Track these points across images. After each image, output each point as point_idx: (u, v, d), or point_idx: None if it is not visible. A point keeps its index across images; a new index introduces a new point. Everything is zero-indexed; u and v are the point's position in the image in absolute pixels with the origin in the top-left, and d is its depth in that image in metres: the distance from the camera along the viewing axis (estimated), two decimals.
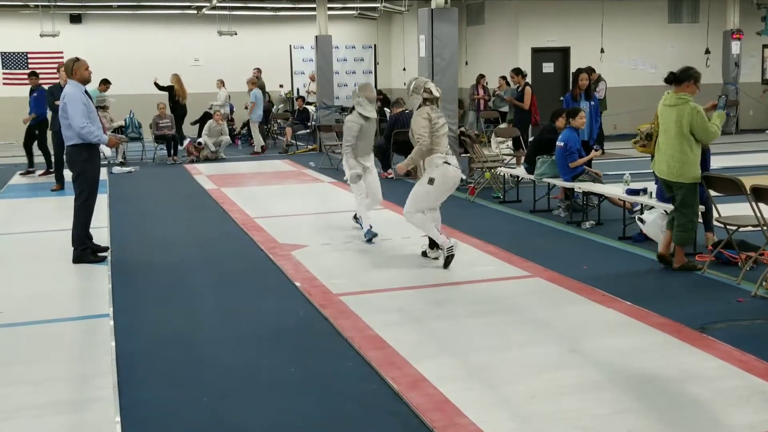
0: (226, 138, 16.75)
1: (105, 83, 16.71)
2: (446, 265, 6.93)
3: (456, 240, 7.11)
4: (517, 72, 13.93)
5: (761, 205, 6.38)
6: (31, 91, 13.37)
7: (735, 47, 18.91)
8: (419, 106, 6.96)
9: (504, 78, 18.68)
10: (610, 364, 4.73)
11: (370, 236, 8.21)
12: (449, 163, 6.96)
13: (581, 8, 18.73)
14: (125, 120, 16.63)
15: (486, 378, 4.57)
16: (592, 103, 10.15)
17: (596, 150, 9.43)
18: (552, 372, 4.62)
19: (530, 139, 12.43)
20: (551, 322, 5.56)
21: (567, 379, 4.50)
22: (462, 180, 7.20)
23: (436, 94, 6.96)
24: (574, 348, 5.01)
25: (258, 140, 17.53)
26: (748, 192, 6.38)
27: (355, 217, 8.83)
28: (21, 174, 14.02)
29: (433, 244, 7.30)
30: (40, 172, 13.81)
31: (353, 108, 8.37)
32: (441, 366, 4.73)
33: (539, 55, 19.00)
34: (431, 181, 6.95)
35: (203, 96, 20.09)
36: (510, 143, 13.37)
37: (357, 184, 8.28)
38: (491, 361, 4.83)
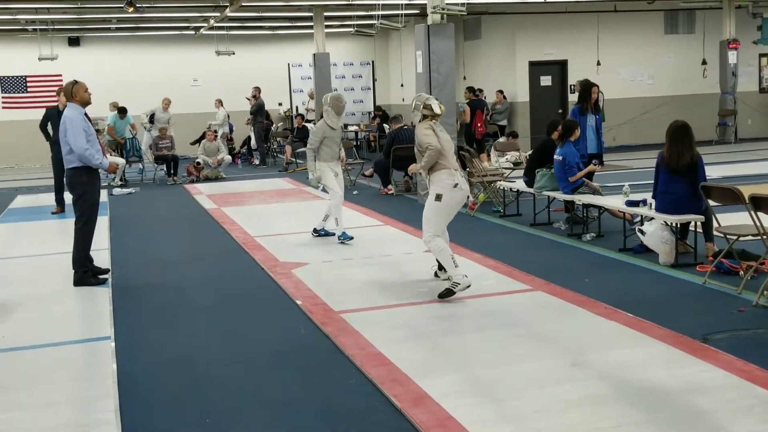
0: (227, 157, 16.81)
1: (122, 111, 16.83)
2: (442, 296, 6.47)
3: (468, 280, 6.52)
4: (470, 90, 16.22)
5: (760, 214, 6.37)
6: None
7: (732, 57, 18.97)
8: (420, 121, 6.81)
9: (501, 92, 18.77)
10: (613, 377, 4.71)
11: (348, 236, 8.94)
12: (455, 179, 6.62)
13: (577, 21, 18.81)
14: (126, 143, 16.70)
15: (489, 393, 4.56)
16: (597, 116, 10.39)
17: (595, 164, 9.48)
18: (555, 386, 4.61)
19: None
20: (554, 335, 5.56)
21: (571, 393, 4.49)
22: (468, 198, 6.88)
23: (437, 111, 6.73)
24: (577, 361, 5.00)
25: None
26: (747, 201, 6.38)
27: (314, 230, 9.38)
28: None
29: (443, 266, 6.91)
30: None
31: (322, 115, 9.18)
32: (444, 382, 4.72)
33: (536, 68, 19.08)
34: (438, 197, 6.60)
35: (202, 116, 20.17)
36: (509, 156, 13.40)
37: (334, 189, 9.02)
38: (494, 376, 4.81)
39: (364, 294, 6.85)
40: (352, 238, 8.95)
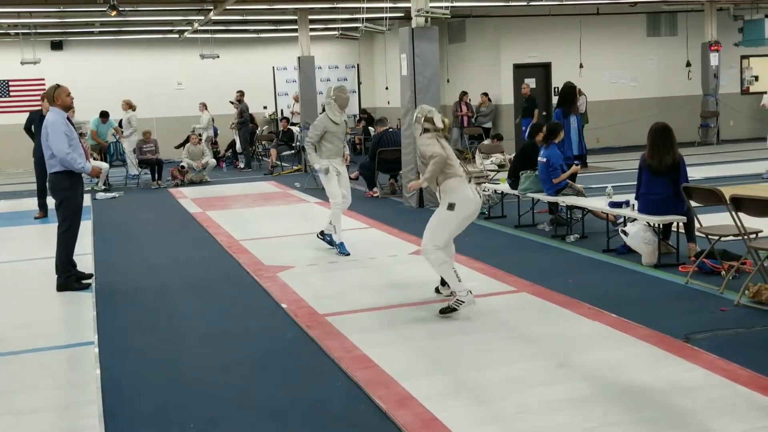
0: (211, 160, 16.76)
1: (104, 116, 16.76)
2: (444, 311, 6.09)
3: (472, 297, 6.13)
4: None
5: (741, 214, 6.43)
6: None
7: (714, 59, 19.11)
8: (420, 134, 6.35)
9: (486, 94, 18.83)
10: (598, 377, 4.74)
11: (345, 251, 8.40)
12: (470, 189, 6.19)
13: (560, 24, 18.89)
14: (110, 147, 16.61)
15: (474, 395, 4.57)
16: (577, 118, 10.73)
17: (577, 165, 9.55)
18: (541, 387, 4.63)
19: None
20: (538, 336, 5.58)
21: (556, 394, 4.51)
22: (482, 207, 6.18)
23: (439, 125, 6.26)
24: (562, 362, 5.02)
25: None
26: (728, 202, 6.44)
27: (321, 233, 8.76)
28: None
29: (446, 281, 6.47)
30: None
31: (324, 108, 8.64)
32: (429, 384, 4.73)
33: (521, 71, 19.14)
34: (451, 206, 6.11)
35: (187, 119, 20.10)
36: (493, 159, 13.44)
37: (333, 191, 8.39)
38: (479, 377, 4.83)
39: (350, 297, 6.85)
40: (348, 254, 8.37)
